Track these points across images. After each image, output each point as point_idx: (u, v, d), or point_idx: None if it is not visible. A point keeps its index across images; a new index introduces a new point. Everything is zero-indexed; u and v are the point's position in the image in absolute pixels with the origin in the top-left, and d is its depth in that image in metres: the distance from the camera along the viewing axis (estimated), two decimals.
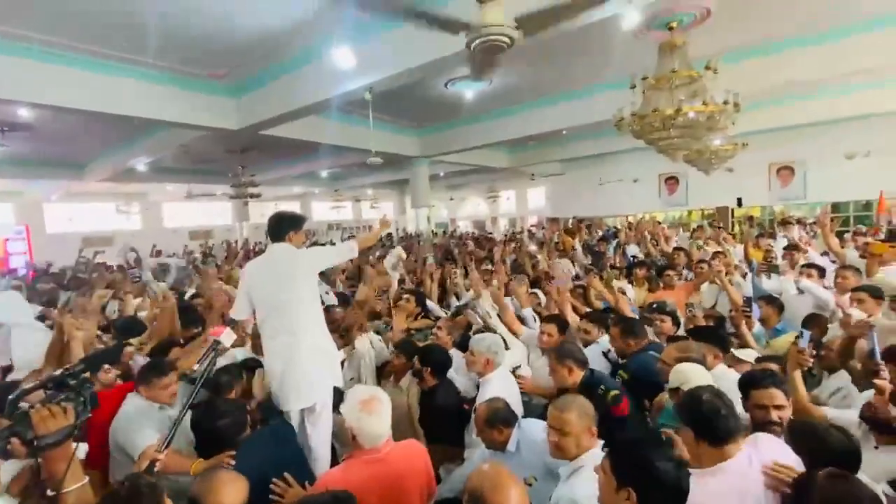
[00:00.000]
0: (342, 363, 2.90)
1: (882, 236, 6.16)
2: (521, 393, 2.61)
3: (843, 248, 4.94)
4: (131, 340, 2.97)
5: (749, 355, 2.51)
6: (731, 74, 5.26)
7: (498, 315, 3.19)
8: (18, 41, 4.93)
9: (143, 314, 4.06)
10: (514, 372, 2.74)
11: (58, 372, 1.21)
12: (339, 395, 2.36)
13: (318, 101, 6.18)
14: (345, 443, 2.22)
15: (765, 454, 1.48)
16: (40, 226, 15.04)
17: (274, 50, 5.63)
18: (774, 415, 1.73)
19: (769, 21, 5.63)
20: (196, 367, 2.11)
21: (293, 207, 23.35)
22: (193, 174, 13.75)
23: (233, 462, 1.78)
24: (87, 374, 1.23)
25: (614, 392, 2.15)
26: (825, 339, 2.70)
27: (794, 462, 1.47)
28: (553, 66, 6.89)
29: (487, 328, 3.01)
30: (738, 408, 1.72)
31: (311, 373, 2.35)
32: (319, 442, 2.36)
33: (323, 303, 2.86)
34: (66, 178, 12.14)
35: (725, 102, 4.82)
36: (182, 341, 2.86)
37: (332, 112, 8.08)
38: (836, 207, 11.68)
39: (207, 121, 6.80)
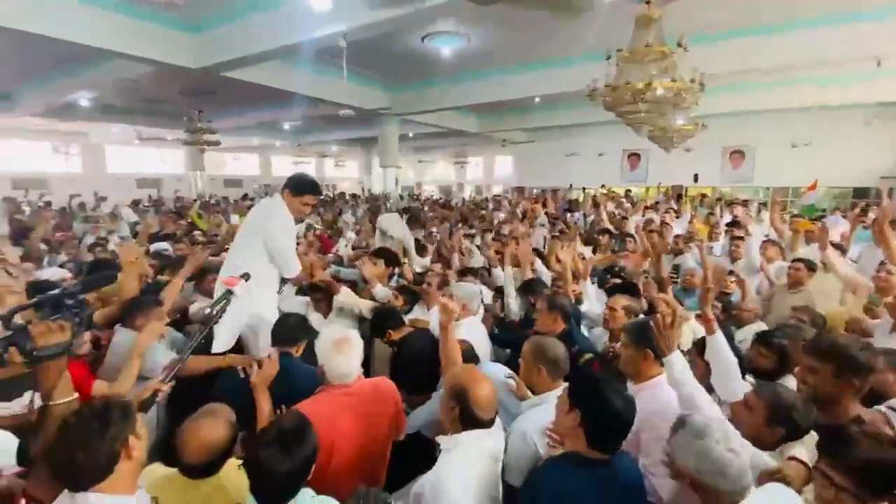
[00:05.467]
0: None
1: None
2: None
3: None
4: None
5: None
6: (699, 55, 5.45)
7: None
8: None
9: None
10: None
11: (56, 291, 1.21)
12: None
13: (287, 45, 5.88)
14: None
15: None
16: None
17: None
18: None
19: (737, 8, 5.90)
20: (207, 310, 2.01)
21: (251, 160, 22.23)
22: (142, 115, 12.75)
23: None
24: (84, 296, 1.23)
25: (588, 356, 2.28)
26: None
27: None
28: (532, 33, 6.85)
29: None
30: None
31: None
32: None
33: None
34: None
35: (692, 81, 5.04)
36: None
37: (299, 59, 7.69)
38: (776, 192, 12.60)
39: (159, 55, 6.28)
